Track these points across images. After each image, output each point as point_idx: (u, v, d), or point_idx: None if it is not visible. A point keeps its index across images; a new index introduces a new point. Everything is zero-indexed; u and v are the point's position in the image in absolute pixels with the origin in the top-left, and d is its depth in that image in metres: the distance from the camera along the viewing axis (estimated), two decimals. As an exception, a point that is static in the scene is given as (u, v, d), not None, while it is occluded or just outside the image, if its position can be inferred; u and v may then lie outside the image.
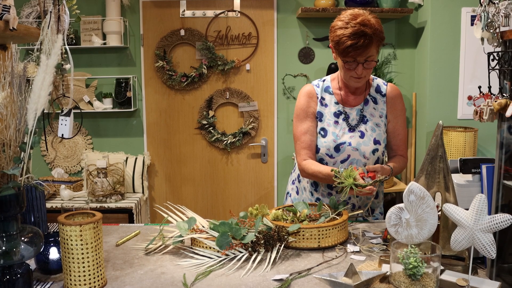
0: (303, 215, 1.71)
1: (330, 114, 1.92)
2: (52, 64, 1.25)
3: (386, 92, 1.96)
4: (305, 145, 1.91)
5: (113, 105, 3.77)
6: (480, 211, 1.23)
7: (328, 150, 1.89)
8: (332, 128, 1.91)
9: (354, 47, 1.73)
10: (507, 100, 1.35)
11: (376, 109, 1.93)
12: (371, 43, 1.74)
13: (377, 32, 1.75)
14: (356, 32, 1.72)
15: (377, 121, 1.92)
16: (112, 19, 3.61)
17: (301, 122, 1.94)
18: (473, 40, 3.36)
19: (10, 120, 1.20)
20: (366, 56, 1.77)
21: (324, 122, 1.92)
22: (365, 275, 1.29)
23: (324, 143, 1.90)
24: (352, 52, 1.74)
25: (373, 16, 1.78)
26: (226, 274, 1.43)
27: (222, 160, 3.96)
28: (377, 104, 1.94)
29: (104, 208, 3.40)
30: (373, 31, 1.73)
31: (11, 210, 1.20)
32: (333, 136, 1.90)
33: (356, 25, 1.73)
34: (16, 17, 1.42)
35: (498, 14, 1.34)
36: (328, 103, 1.94)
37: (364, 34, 1.72)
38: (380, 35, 1.77)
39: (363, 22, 1.73)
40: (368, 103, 1.94)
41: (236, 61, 3.77)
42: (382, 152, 1.95)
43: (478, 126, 3.32)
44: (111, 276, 1.43)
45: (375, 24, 1.76)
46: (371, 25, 1.74)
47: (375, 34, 1.74)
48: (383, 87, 1.97)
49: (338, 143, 1.89)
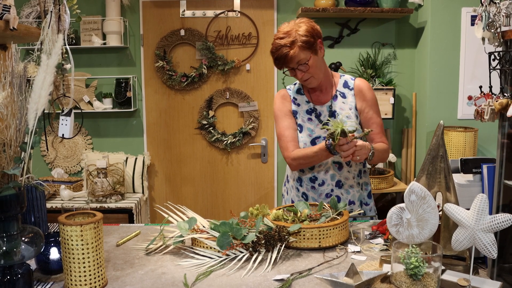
0: (303, 215, 1.71)
1: (303, 112, 2.06)
2: (52, 64, 1.24)
3: (354, 86, 2.06)
4: (290, 138, 2.04)
5: (113, 105, 3.77)
6: (481, 211, 1.23)
7: (305, 144, 2.02)
8: (307, 124, 2.04)
9: (278, 59, 1.91)
10: (508, 100, 1.35)
11: (345, 103, 2.04)
12: (291, 50, 1.87)
13: (298, 38, 1.87)
14: (276, 47, 1.90)
15: (347, 113, 2.03)
16: (112, 19, 3.61)
17: (281, 120, 2.08)
18: (473, 40, 3.37)
19: (11, 120, 1.19)
20: (295, 62, 1.90)
21: (299, 119, 2.06)
22: (366, 275, 1.29)
23: (301, 138, 2.03)
24: (280, 63, 1.92)
25: (304, 23, 1.91)
26: (227, 274, 1.43)
27: (222, 160, 3.96)
28: (345, 98, 2.05)
29: (104, 208, 3.39)
30: (292, 39, 1.87)
31: (11, 210, 1.20)
32: (308, 131, 2.03)
33: (276, 39, 1.91)
34: (16, 17, 1.42)
35: (499, 14, 1.34)
36: (300, 103, 2.08)
37: (282, 46, 1.88)
38: (302, 39, 1.87)
39: (282, 36, 1.89)
40: (337, 99, 2.05)
41: (236, 61, 3.76)
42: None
43: (478, 126, 3.32)
44: (112, 276, 1.43)
45: (293, 32, 1.88)
46: (289, 35, 1.88)
47: (294, 42, 1.87)
48: (351, 82, 2.08)
49: (313, 137, 2.02)
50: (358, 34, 3.81)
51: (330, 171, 2.03)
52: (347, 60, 3.78)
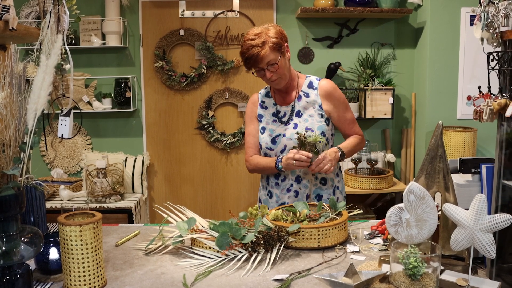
0: (303, 215, 1.71)
1: (269, 115, 2.16)
2: (51, 64, 1.24)
3: (318, 86, 2.11)
4: (250, 144, 2.19)
5: (113, 105, 3.76)
6: (480, 211, 1.23)
7: (267, 143, 2.11)
8: (270, 126, 2.14)
9: (248, 59, 1.98)
10: (507, 100, 1.35)
11: (309, 102, 2.10)
12: (261, 51, 1.94)
13: (268, 39, 1.95)
14: (247, 48, 1.96)
15: (310, 112, 2.09)
16: (111, 19, 3.61)
17: (247, 125, 2.23)
18: (472, 40, 3.37)
19: (10, 120, 1.19)
20: (265, 63, 1.97)
21: (263, 122, 2.16)
22: (365, 275, 1.29)
23: (263, 138, 2.13)
24: (249, 63, 1.99)
25: (273, 26, 2.01)
26: (226, 274, 1.43)
27: (222, 160, 3.96)
28: (309, 97, 2.11)
29: (103, 208, 3.39)
30: (263, 40, 1.95)
31: (11, 210, 1.20)
32: (270, 131, 2.13)
33: (247, 40, 1.98)
34: (15, 17, 1.42)
35: (497, 14, 1.34)
36: (268, 106, 2.19)
37: (252, 46, 1.95)
38: (272, 40, 1.95)
39: (251, 38, 1.97)
40: (301, 98, 2.11)
41: (235, 61, 3.77)
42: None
43: (477, 126, 3.32)
44: (111, 276, 1.43)
45: (263, 34, 1.96)
46: (259, 37, 1.95)
47: (264, 43, 1.94)
48: (315, 82, 2.13)
49: (273, 136, 2.11)
50: (358, 34, 3.81)
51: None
52: (346, 60, 3.78)
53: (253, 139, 2.19)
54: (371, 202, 3.83)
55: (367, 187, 3.38)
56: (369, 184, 3.37)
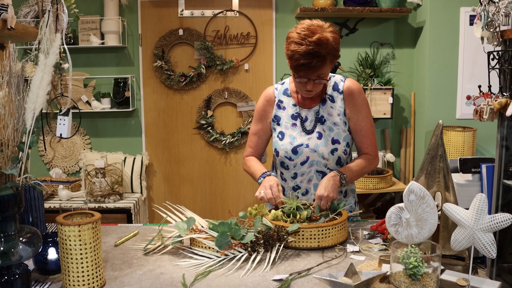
0: (303, 216, 1.70)
1: (287, 116, 1.93)
2: (50, 64, 1.24)
3: (343, 88, 1.89)
4: (251, 143, 2.05)
5: (111, 105, 3.76)
6: (480, 210, 1.23)
7: (286, 152, 1.89)
8: (289, 131, 1.91)
9: (307, 66, 1.70)
10: (507, 99, 1.35)
11: (334, 108, 1.89)
12: (324, 63, 1.71)
13: (332, 51, 1.71)
14: (310, 52, 1.68)
15: (335, 120, 1.88)
16: (110, 18, 3.60)
17: (255, 123, 2.03)
18: (472, 39, 3.37)
19: (8, 120, 1.19)
20: (318, 75, 1.75)
21: (281, 125, 1.93)
22: (365, 275, 1.28)
23: (282, 146, 1.90)
24: (304, 70, 1.72)
25: (331, 31, 1.73)
26: (225, 274, 1.43)
27: (221, 160, 3.95)
28: (334, 103, 1.89)
29: (102, 208, 3.39)
30: (327, 50, 1.69)
31: (9, 210, 1.19)
32: (290, 138, 1.90)
33: (311, 43, 1.67)
34: (14, 16, 1.42)
35: (498, 13, 1.34)
36: (286, 106, 1.94)
37: (318, 55, 1.68)
38: (334, 53, 1.73)
39: (319, 41, 1.68)
40: (326, 103, 1.90)
41: (234, 61, 3.76)
42: (344, 150, 1.89)
43: (477, 126, 3.32)
44: (110, 276, 1.42)
45: (332, 43, 1.70)
46: (326, 44, 1.69)
47: (329, 53, 1.70)
48: (341, 84, 1.91)
49: (295, 145, 1.88)
50: (357, 33, 3.81)
51: (313, 180, 1.92)
52: (345, 60, 3.78)
53: (256, 140, 2.02)
54: (371, 202, 3.83)
55: (367, 187, 3.38)
56: (369, 184, 3.37)
